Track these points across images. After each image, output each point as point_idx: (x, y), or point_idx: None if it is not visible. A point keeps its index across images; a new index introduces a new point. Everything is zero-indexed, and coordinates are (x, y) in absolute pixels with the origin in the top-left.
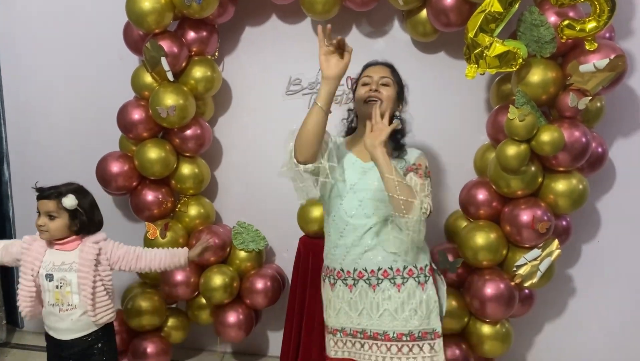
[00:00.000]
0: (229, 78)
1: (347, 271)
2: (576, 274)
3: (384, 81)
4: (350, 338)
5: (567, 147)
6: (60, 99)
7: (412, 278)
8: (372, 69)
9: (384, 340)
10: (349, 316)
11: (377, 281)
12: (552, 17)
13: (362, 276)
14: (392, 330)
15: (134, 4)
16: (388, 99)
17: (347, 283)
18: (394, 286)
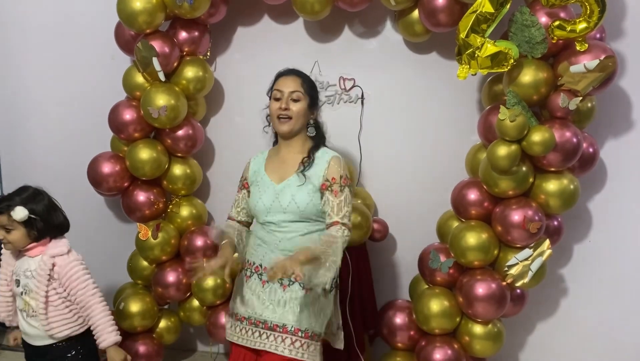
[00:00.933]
0: (221, 78)
1: (264, 268)
2: (567, 274)
3: (294, 96)
4: (253, 327)
5: (558, 148)
6: (51, 99)
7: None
8: (283, 82)
9: (282, 331)
10: (254, 307)
11: (289, 282)
12: (543, 17)
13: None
14: (290, 324)
15: (125, 3)
16: (298, 115)
17: (262, 278)
18: (302, 289)
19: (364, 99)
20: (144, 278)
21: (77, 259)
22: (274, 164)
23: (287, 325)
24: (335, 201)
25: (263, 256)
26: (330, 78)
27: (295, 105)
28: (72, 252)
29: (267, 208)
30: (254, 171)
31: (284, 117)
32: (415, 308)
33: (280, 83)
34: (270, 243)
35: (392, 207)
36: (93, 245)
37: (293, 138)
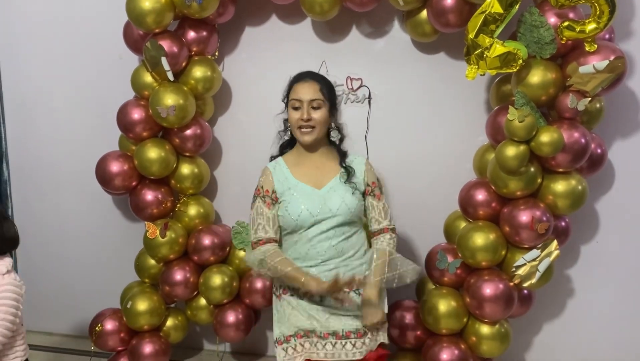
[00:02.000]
0: (229, 78)
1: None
2: (575, 274)
3: (315, 104)
4: (305, 339)
5: (566, 148)
6: (60, 98)
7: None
8: (301, 88)
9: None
10: (299, 318)
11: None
12: (552, 18)
13: None
14: (340, 329)
15: (134, 3)
16: (321, 123)
17: (314, 299)
18: (357, 293)
19: (371, 99)
20: (151, 277)
21: (11, 284)
22: (305, 170)
23: (359, 329)
24: (379, 204)
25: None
26: (338, 78)
27: (317, 113)
28: (11, 274)
29: (313, 215)
30: (281, 181)
31: (306, 127)
32: (423, 309)
33: (298, 91)
34: (312, 258)
35: (398, 207)
36: (101, 244)
37: (318, 147)
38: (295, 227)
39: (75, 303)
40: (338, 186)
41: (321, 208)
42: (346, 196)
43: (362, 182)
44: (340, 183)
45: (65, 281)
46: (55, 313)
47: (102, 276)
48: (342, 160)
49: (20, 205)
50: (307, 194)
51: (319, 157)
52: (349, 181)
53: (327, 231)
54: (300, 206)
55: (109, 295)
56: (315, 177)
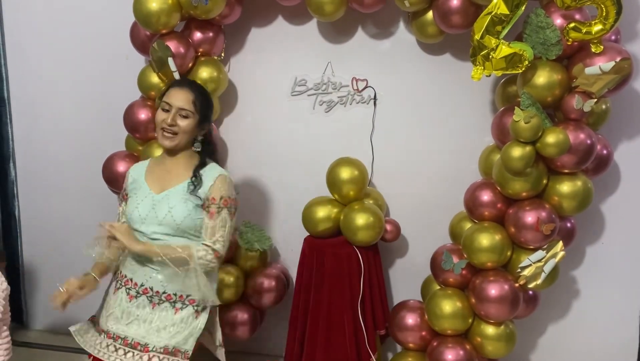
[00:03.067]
0: (235, 79)
1: (134, 283)
2: (580, 275)
3: (183, 113)
4: (112, 341)
5: (572, 150)
6: (66, 99)
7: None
8: (174, 94)
9: (143, 351)
10: (118, 321)
11: (158, 300)
12: (558, 19)
13: (146, 293)
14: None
15: (141, 4)
16: (184, 132)
17: (130, 293)
18: (173, 308)
19: (377, 99)
20: None
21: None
22: (156, 173)
23: (149, 345)
24: (209, 223)
25: (135, 271)
26: (343, 79)
27: (183, 121)
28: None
29: (142, 218)
30: (134, 179)
31: (168, 132)
32: (428, 309)
33: (172, 95)
34: (139, 256)
35: (404, 208)
36: None
37: (179, 153)
38: (130, 224)
39: (80, 303)
40: (175, 195)
41: (149, 213)
42: (177, 207)
43: (204, 192)
44: (180, 192)
45: None
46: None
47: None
48: (197, 169)
49: (27, 205)
50: (144, 196)
51: (174, 163)
52: (193, 193)
53: (153, 236)
54: (134, 208)
55: None
56: (161, 181)
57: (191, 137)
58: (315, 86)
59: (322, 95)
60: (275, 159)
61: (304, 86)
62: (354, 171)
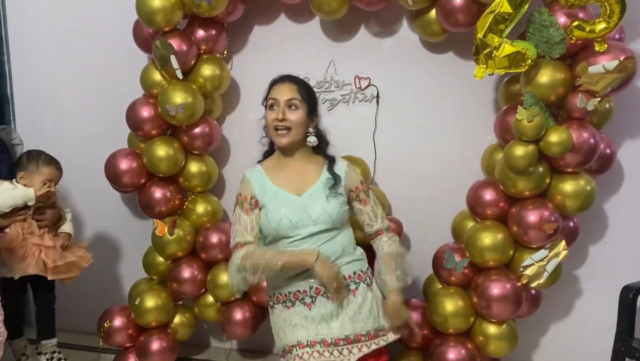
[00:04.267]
0: (237, 77)
1: (303, 291)
2: (582, 275)
3: (291, 103)
4: (308, 349)
5: (575, 148)
6: (69, 96)
7: (362, 282)
8: (278, 89)
9: (346, 343)
10: (306, 328)
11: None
12: (562, 18)
13: (318, 292)
14: (352, 333)
15: (144, 2)
16: (297, 125)
17: (305, 301)
18: (349, 292)
19: (379, 98)
20: (159, 274)
21: None
22: (285, 176)
23: (349, 336)
24: (367, 208)
25: (298, 283)
26: (346, 77)
27: (293, 114)
28: None
29: (293, 223)
30: (259, 187)
31: (281, 129)
32: (430, 308)
33: (276, 91)
34: None
35: (406, 206)
36: (109, 241)
37: (297, 150)
38: (275, 235)
39: (83, 299)
40: (319, 193)
41: (301, 216)
42: (327, 203)
43: (344, 188)
44: (321, 189)
45: None
46: (64, 309)
47: (110, 273)
48: (330, 167)
49: None
50: (287, 201)
51: (299, 162)
52: (333, 189)
53: (307, 237)
54: (280, 213)
55: (117, 292)
56: (294, 183)
57: (304, 130)
58: (318, 84)
59: (325, 93)
60: None
61: None
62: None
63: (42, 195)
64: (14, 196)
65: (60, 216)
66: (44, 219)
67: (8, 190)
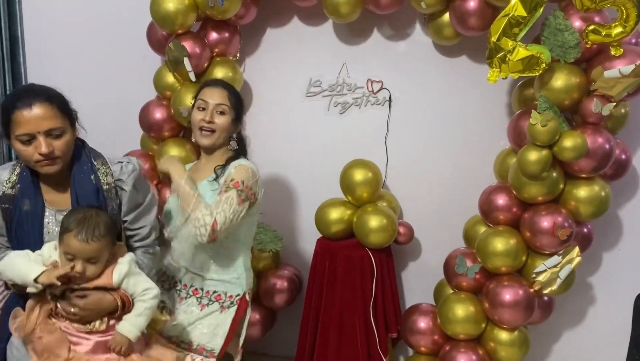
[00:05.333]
0: (250, 79)
1: (183, 284)
2: (596, 282)
3: (220, 109)
4: None
5: (590, 154)
6: (83, 97)
7: (217, 302)
8: (209, 92)
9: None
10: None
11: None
12: (577, 22)
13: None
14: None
15: (158, 4)
16: (222, 129)
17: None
18: (198, 305)
19: (392, 101)
20: None
21: None
22: (192, 170)
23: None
24: (216, 198)
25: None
26: (358, 80)
27: (220, 118)
28: None
29: (175, 211)
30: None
31: (206, 130)
32: (440, 313)
33: (207, 93)
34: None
35: (417, 210)
36: None
37: (215, 151)
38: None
39: None
40: (204, 187)
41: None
42: (206, 198)
43: (222, 181)
44: (208, 185)
45: None
46: None
47: None
48: (228, 161)
49: None
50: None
51: (208, 161)
52: (215, 180)
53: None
54: (171, 202)
55: None
56: (194, 176)
57: (228, 134)
58: (330, 87)
59: (337, 96)
60: (289, 160)
61: (319, 87)
62: (367, 173)
63: (62, 276)
64: (18, 270)
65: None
66: (74, 306)
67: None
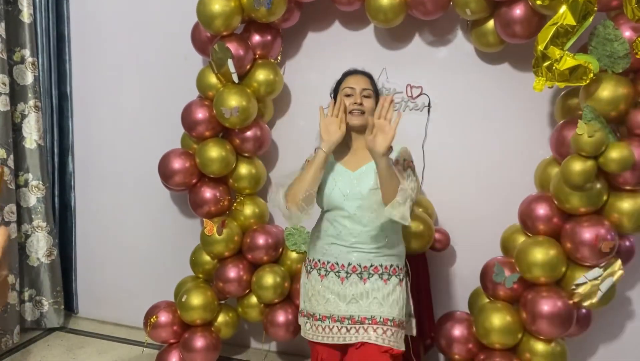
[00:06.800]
0: (289, 82)
1: (341, 265)
2: (636, 296)
3: (365, 93)
4: (338, 323)
5: (636, 166)
6: (126, 95)
7: (395, 275)
8: (354, 80)
9: (371, 323)
10: (337, 306)
11: (368, 275)
12: (627, 32)
13: (355, 270)
14: (379, 315)
15: (204, 6)
16: (369, 111)
17: (340, 275)
18: (381, 280)
19: (431, 107)
20: (205, 272)
21: None
22: (345, 157)
23: (375, 316)
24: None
25: (338, 255)
26: (398, 85)
27: (367, 101)
28: None
29: (344, 194)
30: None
31: (357, 111)
32: (476, 321)
33: (352, 81)
34: (343, 238)
35: (453, 217)
36: (157, 238)
37: (362, 133)
38: (328, 205)
39: (129, 293)
40: (370, 171)
41: (351, 189)
42: (377, 181)
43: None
44: (373, 169)
45: (121, 271)
46: (109, 302)
47: (157, 269)
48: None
49: (83, 197)
50: (342, 174)
51: (359, 144)
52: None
53: (355, 211)
54: (334, 185)
55: (162, 288)
56: (352, 160)
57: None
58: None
59: None
60: None
61: None
62: None
63: None
64: None
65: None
66: None
67: None
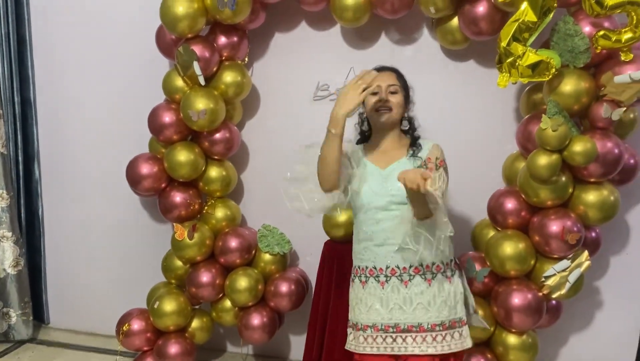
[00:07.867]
0: (258, 83)
1: (379, 269)
2: (603, 286)
3: (392, 89)
4: (382, 333)
5: (599, 159)
6: (91, 100)
7: (439, 273)
8: (379, 77)
9: (418, 331)
10: (379, 313)
11: (409, 277)
12: (587, 27)
13: (394, 273)
14: (426, 321)
15: (168, 8)
16: (397, 107)
17: (380, 280)
18: (424, 281)
19: None
20: (177, 278)
21: None
22: (375, 155)
23: (422, 324)
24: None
25: (375, 258)
26: None
27: (394, 97)
28: None
29: (374, 192)
30: (355, 153)
31: (384, 109)
32: None
33: (377, 78)
34: (376, 237)
35: None
36: (128, 244)
37: (391, 130)
38: (359, 203)
39: (101, 301)
40: (401, 168)
41: (382, 187)
42: None
43: (423, 158)
44: (404, 164)
45: (92, 279)
46: (81, 311)
47: (129, 276)
48: (413, 142)
49: (50, 204)
50: (372, 172)
51: (389, 141)
52: (414, 155)
53: (388, 207)
54: (364, 182)
55: (134, 295)
56: (383, 159)
57: (402, 113)
58: (338, 90)
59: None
60: None
61: (327, 91)
62: None
63: None
64: None
65: None
66: None
67: None
